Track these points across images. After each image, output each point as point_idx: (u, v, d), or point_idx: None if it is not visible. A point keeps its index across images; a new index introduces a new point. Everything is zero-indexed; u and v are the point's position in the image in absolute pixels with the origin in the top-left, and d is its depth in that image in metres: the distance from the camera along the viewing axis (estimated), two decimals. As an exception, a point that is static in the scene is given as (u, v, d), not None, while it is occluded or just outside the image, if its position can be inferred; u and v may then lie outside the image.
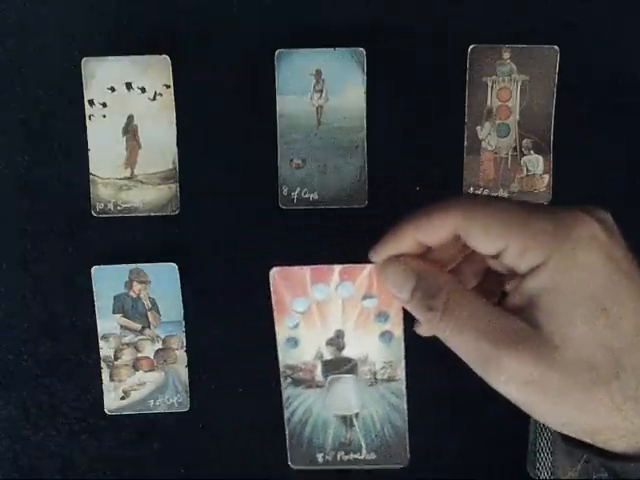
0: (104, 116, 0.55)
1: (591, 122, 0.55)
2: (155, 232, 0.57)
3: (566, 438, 0.30)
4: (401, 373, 0.36)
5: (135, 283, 0.56)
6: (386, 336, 0.36)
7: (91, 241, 0.56)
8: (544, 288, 0.28)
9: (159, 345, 0.56)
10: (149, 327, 0.56)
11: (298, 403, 0.37)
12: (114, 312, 0.56)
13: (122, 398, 0.57)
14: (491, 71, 0.54)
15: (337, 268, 0.35)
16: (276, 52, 0.54)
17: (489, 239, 0.29)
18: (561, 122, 0.54)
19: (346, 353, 0.36)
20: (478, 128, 0.55)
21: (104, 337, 0.56)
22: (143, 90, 0.55)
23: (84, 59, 0.54)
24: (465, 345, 0.29)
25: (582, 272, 0.27)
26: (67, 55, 0.55)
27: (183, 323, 0.56)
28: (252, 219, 0.56)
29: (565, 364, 0.27)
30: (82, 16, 0.55)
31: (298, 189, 0.56)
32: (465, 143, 0.55)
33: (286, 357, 0.36)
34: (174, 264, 0.55)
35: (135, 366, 0.56)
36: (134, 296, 0.56)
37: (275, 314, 0.36)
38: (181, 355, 0.56)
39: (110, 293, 0.56)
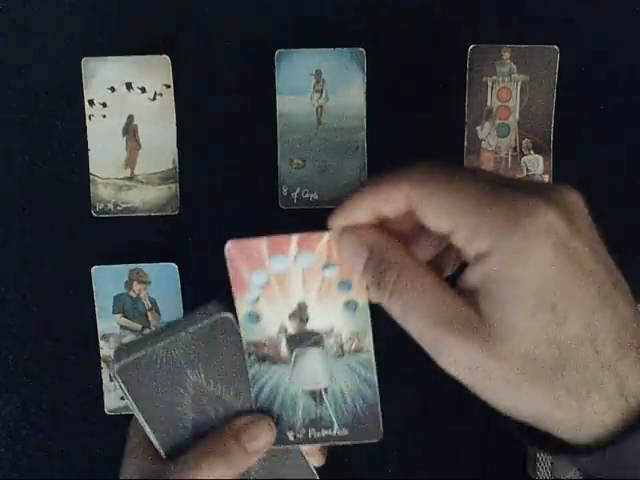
0: (104, 116, 0.55)
1: (591, 122, 0.55)
2: (155, 232, 0.57)
3: (520, 427, 0.30)
4: (369, 344, 0.34)
5: (135, 283, 0.56)
6: (350, 305, 0.34)
7: (91, 241, 0.56)
8: (489, 278, 0.27)
9: (159, 345, 0.56)
10: (149, 327, 0.56)
11: (264, 380, 0.35)
12: (114, 312, 0.56)
13: (122, 398, 0.57)
14: (491, 71, 0.54)
15: (295, 237, 0.33)
16: (276, 52, 0.54)
17: (438, 219, 0.28)
18: (561, 122, 0.54)
19: (310, 326, 0.34)
20: (478, 128, 0.55)
21: (104, 337, 0.56)
22: (143, 90, 0.55)
23: (84, 59, 0.54)
24: (413, 325, 0.29)
25: (530, 266, 0.26)
26: (67, 55, 0.55)
27: (183, 323, 0.56)
28: (252, 219, 0.56)
29: (510, 356, 0.27)
30: (82, 16, 0.55)
31: (298, 189, 0.56)
32: (465, 143, 0.55)
33: (249, 334, 0.35)
34: (174, 264, 0.55)
35: (135, 366, 0.56)
36: (134, 296, 0.56)
37: (233, 290, 0.34)
38: (181, 355, 0.56)
39: (110, 293, 0.56)
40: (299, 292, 0.34)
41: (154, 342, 0.34)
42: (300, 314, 0.34)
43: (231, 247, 0.33)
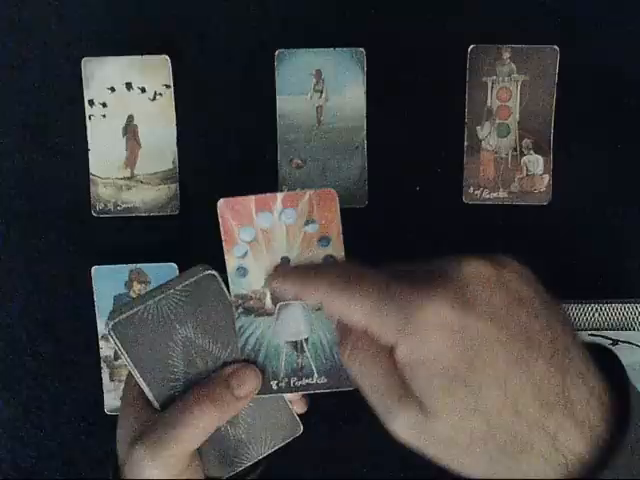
0: (104, 116, 0.55)
1: (591, 122, 0.55)
2: (155, 232, 0.57)
3: None
4: None
5: (135, 283, 0.56)
6: (329, 260, 0.37)
7: (91, 241, 0.56)
8: (403, 362, 0.30)
9: (159, 345, 0.56)
10: (149, 327, 0.56)
11: (250, 332, 0.38)
12: (114, 312, 0.56)
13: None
14: (491, 71, 0.54)
15: (280, 195, 0.36)
16: (276, 52, 0.54)
17: (349, 319, 0.32)
18: (561, 122, 0.54)
19: None
20: (478, 128, 0.55)
21: (104, 337, 0.56)
22: (143, 90, 0.55)
23: (84, 59, 0.54)
24: (364, 391, 0.32)
25: (430, 352, 0.29)
26: (67, 55, 0.55)
27: (183, 323, 0.56)
28: (252, 219, 0.56)
29: (440, 428, 0.29)
30: (82, 16, 0.55)
31: (298, 189, 0.56)
32: (465, 143, 0.55)
33: (236, 287, 0.37)
34: (174, 264, 0.55)
35: (135, 366, 0.56)
36: (134, 296, 0.56)
37: (224, 244, 0.37)
38: (181, 355, 0.56)
39: (110, 293, 0.56)
40: (283, 247, 0.37)
41: (145, 300, 0.37)
42: None
43: (222, 204, 0.36)
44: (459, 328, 0.28)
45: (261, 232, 0.36)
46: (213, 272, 0.37)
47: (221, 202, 0.36)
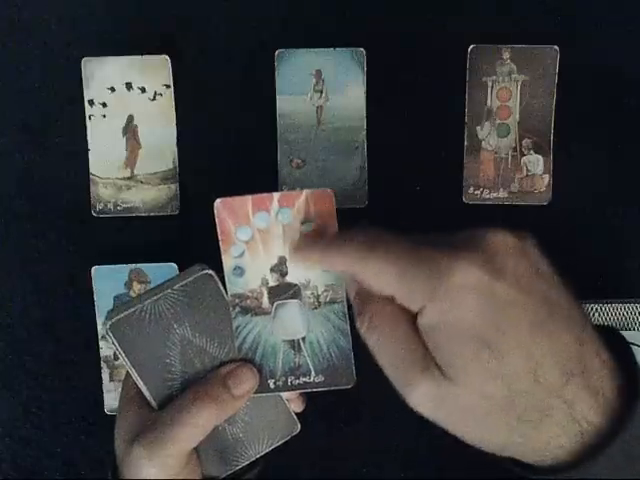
0: (104, 116, 0.55)
1: (591, 122, 0.55)
2: (155, 232, 0.57)
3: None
4: (342, 295, 0.37)
5: (135, 283, 0.56)
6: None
7: (91, 241, 0.56)
8: (430, 327, 0.30)
9: (159, 345, 0.56)
10: (149, 327, 0.56)
11: (247, 331, 0.38)
12: (114, 312, 0.56)
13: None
14: (491, 71, 0.54)
15: (276, 195, 0.37)
16: (276, 52, 0.54)
17: (376, 287, 0.31)
18: (561, 122, 0.54)
19: (289, 278, 0.37)
20: (478, 128, 0.55)
21: (104, 337, 0.56)
22: (143, 90, 0.55)
23: (84, 59, 0.54)
24: (383, 361, 0.31)
25: (457, 315, 0.29)
26: (67, 55, 0.55)
27: (183, 323, 0.56)
28: (252, 219, 0.56)
29: (463, 394, 0.29)
30: (82, 16, 0.55)
31: (298, 189, 0.56)
32: (465, 143, 0.55)
33: (233, 286, 0.37)
34: (174, 264, 0.55)
35: (135, 366, 0.56)
36: (134, 296, 0.56)
37: (221, 244, 0.37)
38: (181, 355, 0.56)
39: (110, 293, 0.56)
40: (280, 246, 0.37)
41: (142, 300, 0.37)
42: (280, 267, 0.37)
43: (219, 204, 0.37)
44: (488, 291, 0.29)
45: (258, 232, 0.36)
46: (210, 272, 0.38)
47: (218, 202, 0.37)
